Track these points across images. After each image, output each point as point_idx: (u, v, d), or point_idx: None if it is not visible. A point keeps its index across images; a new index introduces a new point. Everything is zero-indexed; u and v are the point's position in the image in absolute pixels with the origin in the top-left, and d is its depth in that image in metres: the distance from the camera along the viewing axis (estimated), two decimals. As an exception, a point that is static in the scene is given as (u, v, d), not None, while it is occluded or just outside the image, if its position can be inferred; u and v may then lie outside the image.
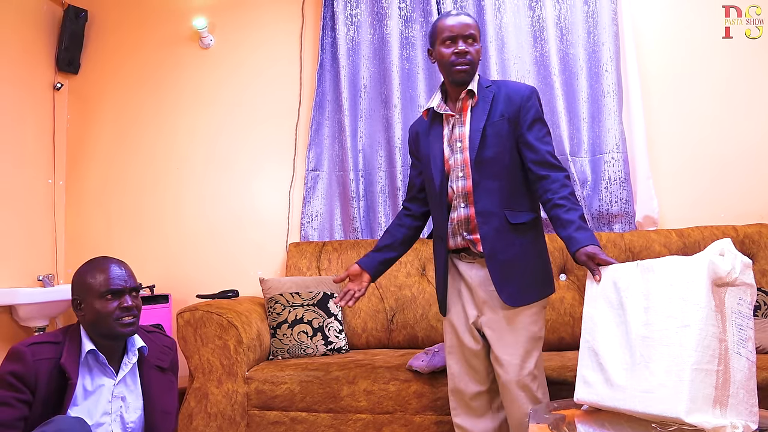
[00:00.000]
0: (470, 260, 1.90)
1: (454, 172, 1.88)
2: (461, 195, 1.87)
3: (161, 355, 1.78)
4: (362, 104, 3.18)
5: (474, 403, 1.92)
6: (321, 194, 3.23)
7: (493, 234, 1.81)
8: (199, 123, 3.44)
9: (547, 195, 1.79)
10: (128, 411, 1.67)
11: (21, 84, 3.28)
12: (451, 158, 1.89)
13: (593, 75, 2.93)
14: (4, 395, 1.50)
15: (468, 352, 1.91)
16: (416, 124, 2.08)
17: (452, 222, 1.89)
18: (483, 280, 1.86)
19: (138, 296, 1.70)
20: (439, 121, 1.94)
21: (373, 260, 2.05)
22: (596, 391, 1.41)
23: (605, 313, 1.46)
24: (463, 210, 1.87)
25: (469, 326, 1.91)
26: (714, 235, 2.59)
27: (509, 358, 1.80)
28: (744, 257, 1.32)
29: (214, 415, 2.38)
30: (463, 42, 1.84)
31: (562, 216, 1.73)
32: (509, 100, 1.85)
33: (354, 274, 2.03)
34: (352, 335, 2.83)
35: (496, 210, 1.82)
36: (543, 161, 1.82)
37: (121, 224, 3.47)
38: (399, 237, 2.08)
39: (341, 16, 3.20)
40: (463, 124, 1.88)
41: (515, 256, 1.82)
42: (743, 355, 1.27)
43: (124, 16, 3.59)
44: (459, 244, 1.89)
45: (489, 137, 1.83)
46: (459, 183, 1.87)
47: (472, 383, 1.92)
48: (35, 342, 1.59)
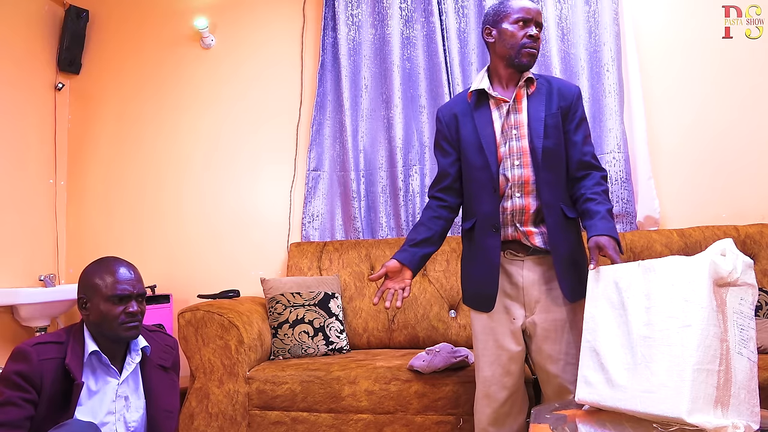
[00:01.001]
0: (518, 258, 1.83)
1: (508, 159, 1.80)
2: (517, 184, 1.80)
3: (164, 354, 1.79)
4: (363, 104, 3.18)
5: (502, 409, 1.85)
6: (322, 194, 3.23)
7: (554, 227, 1.77)
8: (200, 123, 3.44)
9: (581, 190, 1.79)
10: (130, 410, 1.67)
11: (22, 84, 3.28)
12: (504, 145, 1.81)
13: (594, 75, 2.93)
14: (10, 395, 1.50)
15: (506, 356, 1.84)
16: (451, 105, 1.97)
17: (504, 211, 1.81)
18: (537, 278, 1.81)
19: (143, 301, 1.70)
20: (486, 105, 1.86)
21: (414, 255, 1.88)
22: (597, 391, 1.41)
23: (607, 313, 1.46)
24: (518, 200, 1.80)
25: (512, 329, 1.83)
26: (715, 235, 2.59)
27: (569, 358, 1.77)
28: (745, 257, 1.32)
29: (215, 415, 2.38)
30: (536, 27, 1.81)
31: (592, 207, 1.74)
32: (562, 95, 1.83)
33: (393, 271, 1.85)
34: (353, 335, 2.83)
35: (555, 203, 1.79)
36: (586, 162, 1.82)
37: (122, 224, 3.47)
38: (437, 230, 1.93)
39: (342, 16, 3.20)
40: (519, 111, 1.82)
41: (572, 251, 1.79)
42: (745, 355, 1.27)
43: (125, 16, 3.59)
44: (509, 235, 1.82)
45: (549, 128, 1.79)
46: (515, 171, 1.80)
47: (504, 389, 1.85)
48: (40, 342, 1.59)
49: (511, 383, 1.85)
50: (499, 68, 1.86)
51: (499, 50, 1.84)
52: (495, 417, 1.86)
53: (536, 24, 1.81)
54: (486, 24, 1.88)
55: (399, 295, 1.84)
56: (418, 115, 3.13)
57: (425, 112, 3.11)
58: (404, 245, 1.92)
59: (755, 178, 2.82)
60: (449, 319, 2.75)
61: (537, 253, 1.82)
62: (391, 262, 1.87)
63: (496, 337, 1.85)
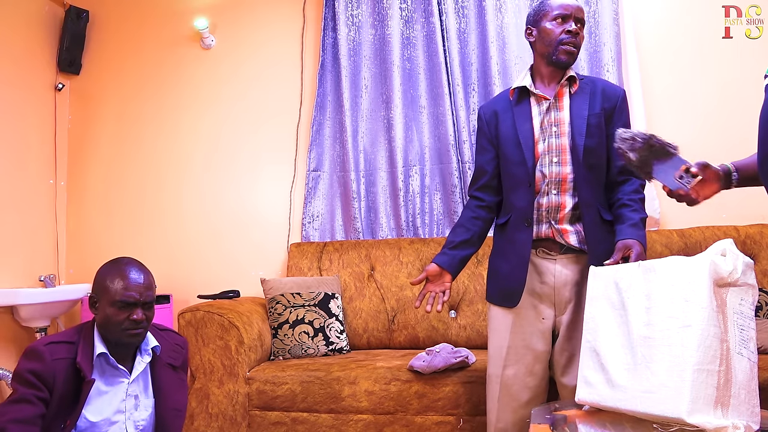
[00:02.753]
0: (551, 257, 1.81)
1: (546, 156, 1.79)
2: (554, 181, 1.78)
3: (173, 353, 1.79)
4: (363, 104, 3.18)
5: (522, 411, 1.81)
6: (322, 194, 3.23)
7: (592, 225, 1.76)
8: (201, 123, 3.45)
9: (618, 195, 1.79)
10: (139, 409, 1.68)
11: (22, 84, 3.28)
12: (542, 142, 1.80)
13: (594, 75, 2.92)
14: (24, 392, 1.51)
15: (531, 355, 1.82)
16: (492, 103, 1.96)
17: (539, 208, 1.79)
18: (570, 278, 1.79)
19: (151, 308, 1.68)
20: (527, 102, 1.85)
21: (454, 258, 1.88)
22: (598, 391, 1.41)
23: (607, 313, 1.46)
24: (554, 197, 1.78)
25: (542, 330, 1.81)
26: (715, 235, 2.59)
27: None
28: (746, 258, 1.32)
29: (215, 416, 2.38)
30: (575, 23, 1.78)
31: (627, 213, 1.74)
32: (606, 97, 1.81)
33: (434, 275, 1.87)
34: (353, 335, 2.83)
35: (593, 202, 1.78)
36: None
37: (122, 224, 3.47)
38: (476, 231, 1.92)
39: (342, 17, 3.20)
40: (560, 109, 1.81)
41: (606, 251, 1.75)
42: (745, 356, 1.27)
43: (125, 16, 3.59)
44: (543, 233, 1.80)
45: (592, 127, 1.78)
46: (552, 168, 1.78)
47: (527, 390, 1.82)
48: (52, 341, 1.60)
49: (534, 384, 1.83)
50: (540, 67, 1.86)
51: (539, 48, 1.84)
52: (516, 417, 1.83)
53: (576, 20, 1.79)
54: (527, 24, 1.89)
55: (440, 298, 1.85)
56: (418, 115, 3.13)
57: (425, 113, 3.11)
58: (444, 248, 1.92)
59: (755, 179, 2.81)
60: (449, 320, 2.75)
61: (570, 252, 1.80)
62: (431, 266, 1.88)
63: (523, 336, 1.82)
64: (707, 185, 1.49)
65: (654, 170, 1.48)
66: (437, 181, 3.09)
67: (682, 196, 1.48)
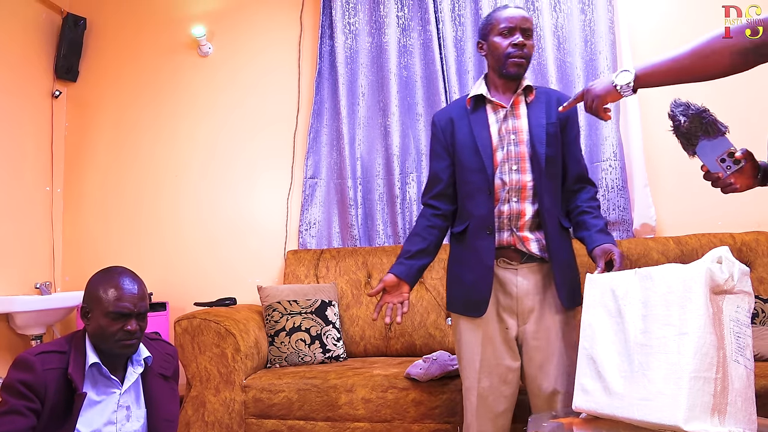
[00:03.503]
0: (512, 267, 1.80)
1: (506, 163, 1.79)
2: (514, 189, 1.79)
3: (164, 363, 1.78)
4: (360, 112, 3.19)
5: (502, 420, 1.81)
6: (319, 202, 3.23)
7: (554, 233, 1.78)
8: (198, 130, 3.45)
9: (576, 203, 1.83)
10: (131, 420, 1.66)
11: (19, 91, 3.28)
12: (501, 150, 1.81)
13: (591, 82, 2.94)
14: (15, 404, 1.48)
15: (504, 367, 1.81)
16: (447, 110, 1.96)
17: (501, 215, 1.80)
18: (532, 287, 1.79)
19: (145, 318, 1.66)
20: (483, 110, 1.85)
21: (411, 268, 1.86)
22: (594, 399, 1.41)
23: (603, 320, 1.46)
24: (514, 204, 1.79)
25: (508, 340, 1.81)
26: (711, 243, 2.60)
27: (563, 368, 1.76)
28: (741, 265, 1.32)
29: (211, 424, 2.37)
30: (521, 34, 1.80)
31: (589, 220, 1.78)
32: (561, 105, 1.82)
33: (391, 285, 1.84)
34: (350, 343, 2.82)
35: (554, 210, 1.80)
36: (583, 175, 1.87)
37: (118, 232, 3.47)
38: (432, 240, 1.90)
39: (339, 25, 3.21)
40: (517, 117, 1.83)
41: (567, 259, 1.81)
42: (741, 363, 1.27)
43: (122, 24, 3.60)
44: (504, 240, 1.79)
45: (550, 136, 1.80)
46: (512, 176, 1.79)
47: (502, 400, 1.81)
48: (43, 351, 1.57)
49: (510, 392, 1.82)
50: (494, 78, 1.88)
51: (490, 62, 1.86)
52: (495, 428, 1.82)
53: (522, 31, 1.80)
54: (478, 39, 1.91)
55: (398, 310, 1.82)
56: (415, 123, 3.13)
57: (422, 120, 3.12)
58: (400, 257, 1.89)
59: (751, 186, 2.82)
60: (446, 327, 2.75)
61: (531, 261, 1.80)
62: (388, 276, 1.85)
63: (493, 347, 1.81)
64: (744, 175, 1.44)
65: (698, 146, 1.44)
66: (434, 189, 3.09)
67: (718, 180, 1.43)
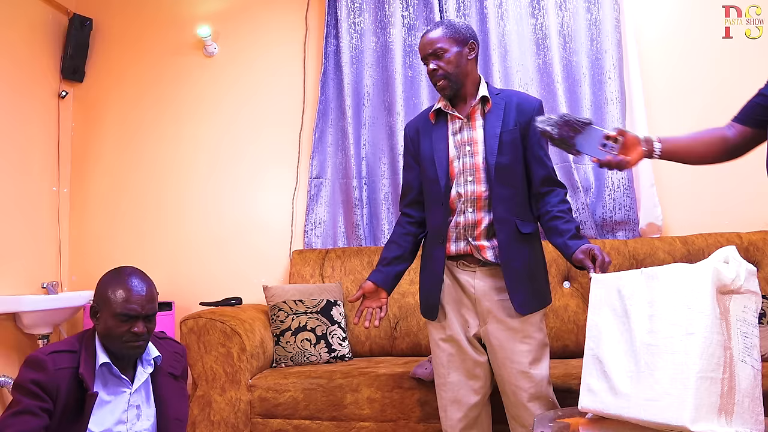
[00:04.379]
0: (470, 269, 1.86)
1: (461, 175, 1.85)
2: (470, 200, 1.83)
3: (173, 362, 1.78)
4: (365, 112, 3.19)
5: (472, 413, 1.88)
6: (324, 201, 3.23)
7: (506, 241, 1.80)
8: (203, 130, 3.46)
9: (546, 207, 1.83)
10: (141, 419, 1.67)
11: (26, 92, 3.30)
12: (457, 161, 1.86)
13: (596, 82, 2.93)
14: (28, 403, 1.48)
15: (471, 362, 1.88)
16: (416, 121, 2.03)
17: (457, 226, 1.85)
18: (488, 289, 1.84)
19: (153, 320, 1.67)
20: (444, 123, 1.91)
21: (387, 276, 1.95)
22: (601, 399, 1.40)
23: (609, 320, 1.46)
24: (470, 215, 1.83)
25: (469, 337, 1.88)
26: (718, 242, 2.58)
27: (522, 368, 1.79)
28: (749, 265, 1.31)
29: (217, 423, 2.37)
30: (432, 60, 1.86)
31: (560, 226, 1.78)
32: (521, 110, 1.85)
33: (369, 291, 1.93)
34: (355, 343, 2.82)
35: (508, 217, 1.81)
36: (549, 177, 1.86)
37: (124, 231, 3.48)
38: (407, 247, 1.99)
39: (344, 24, 3.21)
40: (473, 129, 1.86)
41: (524, 265, 1.81)
42: (748, 363, 1.27)
43: (128, 24, 3.61)
44: (461, 249, 1.85)
45: (505, 144, 1.82)
46: (468, 187, 1.84)
47: (472, 394, 1.88)
48: (54, 351, 1.57)
49: (479, 386, 1.88)
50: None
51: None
52: (466, 422, 1.88)
53: (429, 56, 1.86)
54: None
55: (377, 314, 1.92)
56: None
57: (427, 120, 3.11)
58: (378, 265, 1.99)
59: (758, 185, 2.78)
60: (452, 327, 2.74)
61: (488, 265, 1.84)
62: (367, 283, 1.94)
63: (459, 346, 1.88)
64: (630, 149, 1.54)
65: (576, 144, 1.55)
66: (439, 188, 3.09)
67: (612, 163, 1.53)
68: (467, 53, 1.86)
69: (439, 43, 1.84)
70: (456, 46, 1.85)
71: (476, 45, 1.89)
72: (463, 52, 1.86)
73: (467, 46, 1.86)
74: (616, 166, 1.54)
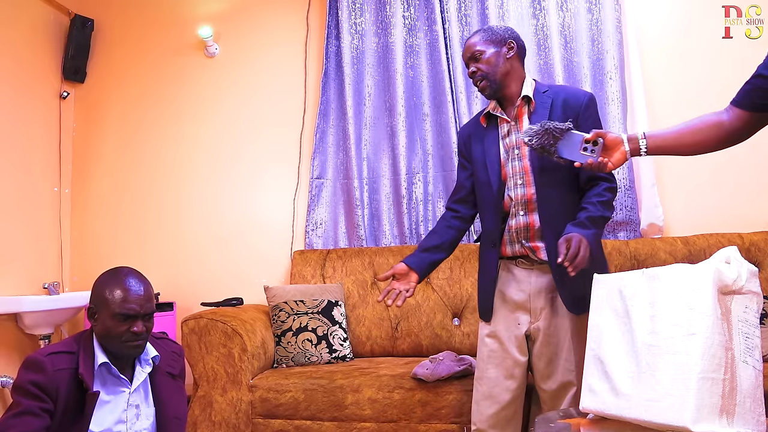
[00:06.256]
0: (528, 266, 1.87)
1: (512, 179, 1.86)
2: (520, 203, 1.84)
3: (171, 362, 1.79)
4: (366, 112, 3.19)
5: (504, 412, 1.88)
6: (325, 202, 3.23)
7: (553, 243, 1.78)
8: (205, 131, 3.46)
9: (583, 201, 1.81)
10: (140, 419, 1.67)
11: (28, 92, 3.30)
12: (508, 165, 1.87)
13: (597, 83, 2.93)
14: (29, 404, 1.48)
15: (511, 361, 1.88)
16: (468, 126, 2.06)
17: (510, 229, 1.87)
18: (544, 286, 1.84)
19: (151, 319, 1.67)
20: (495, 126, 1.93)
21: (423, 260, 1.96)
22: (602, 399, 1.40)
23: (611, 321, 1.46)
24: (522, 218, 1.84)
25: (517, 336, 1.88)
26: (719, 242, 2.58)
27: (566, 363, 1.80)
28: (750, 265, 1.31)
29: (218, 424, 2.37)
30: (471, 64, 1.89)
31: (578, 215, 1.77)
32: (568, 106, 1.84)
33: (401, 273, 1.93)
34: (356, 343, 2.82)
35: (556, 218, 1.80)
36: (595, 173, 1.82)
37: (126, 232, 3.48)
38: (448, 239, 2.00)
39: (346, 25, 3.21)
40: (520, 131, 1.86)
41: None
42: (750, 364, 1.27)
43: (130, 25, 3.61)
44: (517, 251, 1.87)
45: None
46: (518, 191, 1.85)
47: (507, 392, 1.88)
48: (53, 352, 1.58)
49: (515, 386, 1.89)
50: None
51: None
52: (497, 419, 1.88)
53: (469, 60, 1.90)
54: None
55: (402, 295, 1.89)
56: (422, 123, 3.13)
57: (428, 120, 3.12)
58: (416, 251, 2.00)
59: (760, 185, 2.81)
60: (452, 327, 2.74)
61: (545, 263, 1.84)
62: (400, 264, 1.95)
63: (501, 344, 1.90)
64: (613, 150, 1.57)
65: (558, 150, 1.61)
66: (440, 189, 3.10)
67: (593, 166, 1.57)
68: (506, 53, 1.87)
69: (476, 47, 1.88)
70: (493, 47, 1.87)
71: (515, 44, 1.89)
72: (501, 52, 1.88)
73: (506, 46, 1.88)
74: (596, 169, 1.57)
